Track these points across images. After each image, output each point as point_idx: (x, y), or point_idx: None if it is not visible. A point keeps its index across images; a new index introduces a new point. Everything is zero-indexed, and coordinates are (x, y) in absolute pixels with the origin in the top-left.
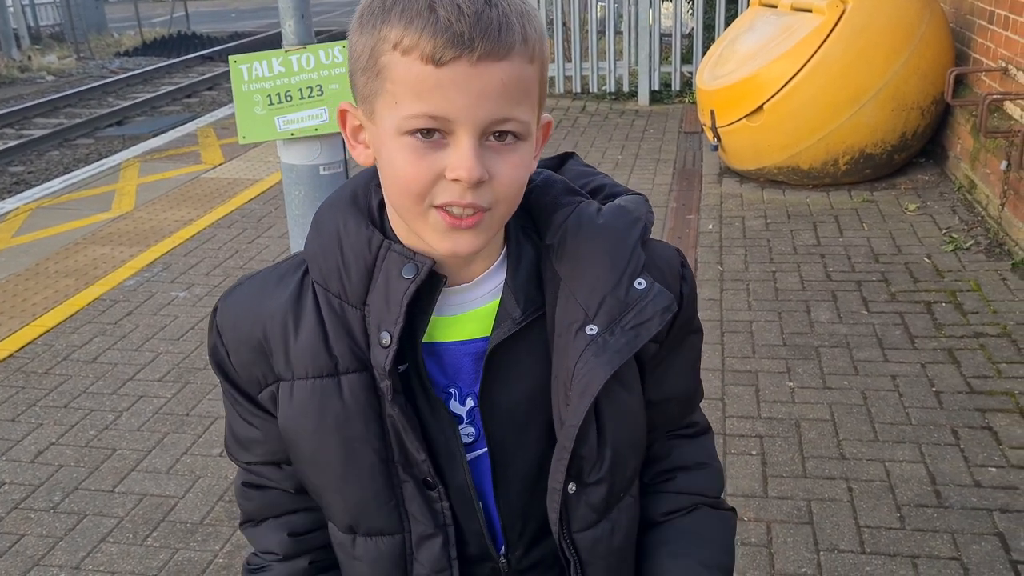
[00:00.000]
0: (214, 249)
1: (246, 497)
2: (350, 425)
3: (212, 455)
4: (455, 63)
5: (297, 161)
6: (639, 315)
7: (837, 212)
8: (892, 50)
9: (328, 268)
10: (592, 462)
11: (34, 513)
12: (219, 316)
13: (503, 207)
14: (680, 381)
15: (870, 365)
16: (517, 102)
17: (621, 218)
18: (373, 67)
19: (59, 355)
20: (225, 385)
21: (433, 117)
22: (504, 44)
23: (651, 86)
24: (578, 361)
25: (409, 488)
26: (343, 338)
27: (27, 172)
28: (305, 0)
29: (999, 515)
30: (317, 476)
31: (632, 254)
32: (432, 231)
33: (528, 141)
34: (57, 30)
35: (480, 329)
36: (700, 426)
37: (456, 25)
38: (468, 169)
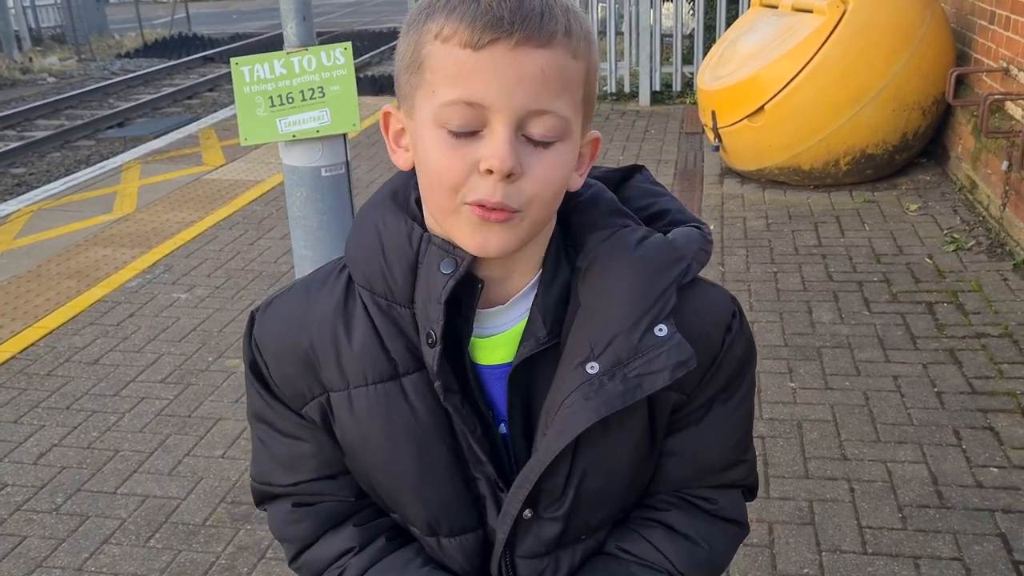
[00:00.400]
0: (216, 251)
1: (297, 519)
2: (421, 426)
3: (214, 456)
4: (493, 46)
5: (299, 163)
6: (648, 364)
7: (838, 212)
8: (893, 50)
9: (371, 270)
10: (553, 498)
11: (36, 515)
12: (257, 329)
13: (535, 210)
14: (703, 444)
15: (872, 366)
16: (556, 94)
17: (661, 254)
18: (416, 62)
19: (61, 357)
20: (263, 403)
21: (469, 103)
22: (545, 31)
23: (652, 86)
24: (568, 397)
25: (482, 484)
26: (398, 339)
27: (28, 174)
28: (307, 2)
29: (1001, 516)
30: (393, 482)
31: (660, 297)
32: (463, 226)
33: (568, 143)
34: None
35: (510, 353)
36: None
37: (496, 9)
38: (501, 158)
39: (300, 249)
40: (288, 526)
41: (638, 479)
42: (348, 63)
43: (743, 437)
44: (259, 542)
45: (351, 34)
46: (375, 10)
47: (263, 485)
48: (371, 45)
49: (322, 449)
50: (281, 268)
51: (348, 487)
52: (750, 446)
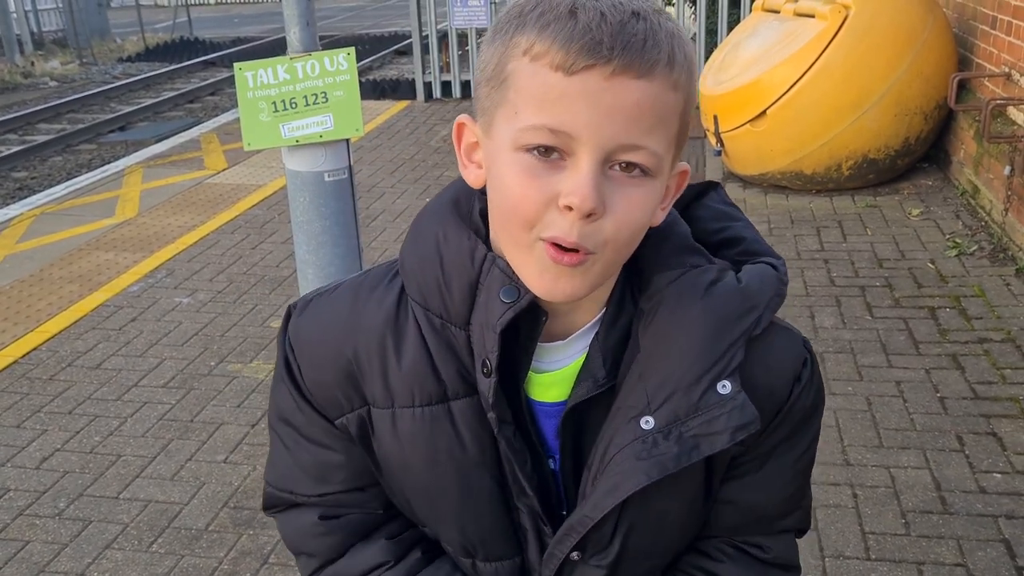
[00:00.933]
0: (218, 255)
1: (323, 531)
2: (466, 453)
3: (216, 461)
4: (587, 73)
5: (302, 168)
6: (707, 425)
7: (840, 217)
8: (895, 55)
9: (427, 285)
10: (599, 547)
11: (39, 519)
12: (292, 328)
13: (610, 252)
14: (760, 492)
15: (874, 371)
16: (650, 129)
17: (732, 303)
18: (499, 76)
19: (63, 361)
20: (292, 404)
21: (553, 131)
22: (646, 60)
23: None
24: (619, 453)
25: (524, 517)
26: (450, 362)
27: (30, 178)
28: (310, 8)
29: (1004, 521)
30: (431, 507)
31: (727, 351)
32: (532, 265)
33: (657, 180)
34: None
35: (564, 393)
36: (775, 557)
37: (596, 31)
38: (583, 196)
39: (303, 254)
40: (312, 539)
41: (691, 529)
42: (351, 68)
43: (802, 485)
44: (261, 547)
45: (353, 38)
46: (376, 14)
47: (283, 492)
48: (372, 49)
49: (352, 461)
50: (283, 273)
51: (377, 499)
52: (807, 492)
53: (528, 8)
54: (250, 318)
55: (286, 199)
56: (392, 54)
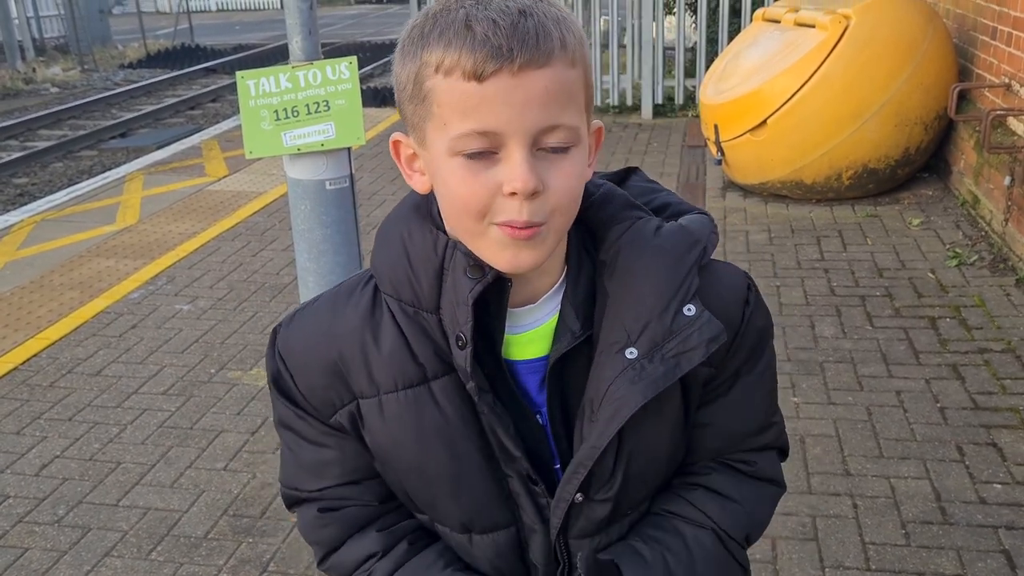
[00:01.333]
0: (218, 262)
1: (323, 523)
2: (451, 428)
3: (216, 469)
4: (497, 76)
5: (303, 176)
6: (683, 343)
7: (841, 227)
8: (895, 65)
9: (397, 278)
10: (603, 481)
11: (38, 527)
12: (280, 342)
13: (559, 218)
14: (733, 413)
15: (874, 380)
16: (563, 107)
17: (679, 240)
18: (419, 94)
19: (63, 368)
20: (290, 412)
21: (482, 133)
22: (543, 51)
23: (655, 99)
24: (612, 383)
25: (515, 483)
26: (426, 344)
27: (31, 184)
28: (312, 16)
29: (1005, 532)
30: (426, 485)
31: (685, 279)
32: (492, 246)
33: (580, 147)
34: (62, 42)
35: (543, 348)
36: (759, 470)
37: (493, 39)
38: (523, 180)
39: (304, 262)
40: (315, 530)
41: (677, 453)
42: (353, 77)
43: (771, 402)
44: (261, 555)
45: (353, 46)
46: (377, 22)
47: (291, 490)
48: (373, 57)
49: (347, 456)
50: (283, 280)
51: (372, 492)
52: (777, 409)
53: (427, 29)
54: (250, 325)
55: (287, 206)
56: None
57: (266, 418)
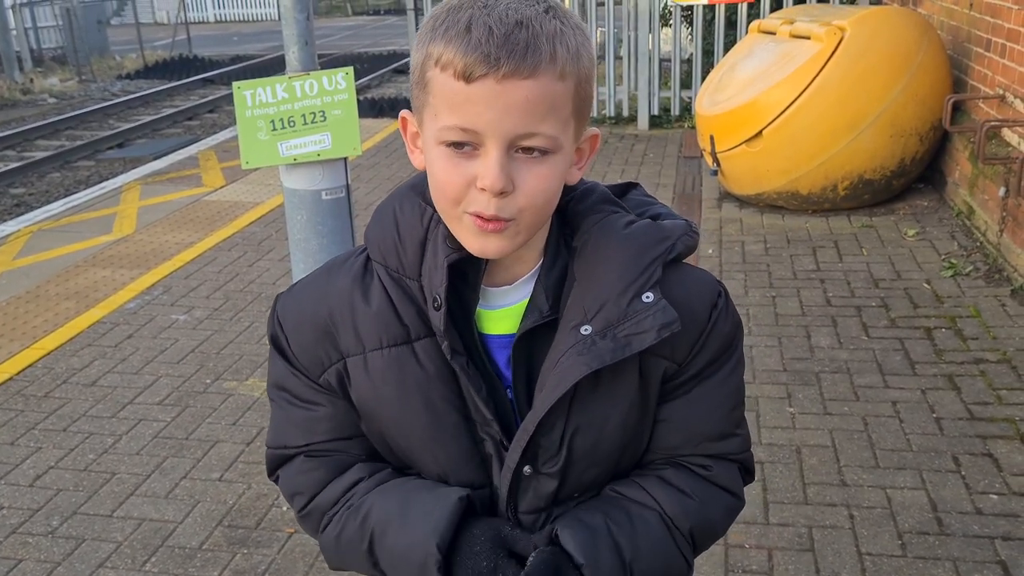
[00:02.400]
0: (215, 272)
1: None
2: (432, 386)
3: (211, 479)
4: (482, 80)
5: (299, 186)
6: (636, 326)
7: (836, 237)
8: (890, 77)
9: (386, 246)
10: (549, 454)
11: (32, 538)
12: (279, 305)
13: (528, 216)
14: (692, 412)
15: (870, 391)
16: (542, 117)
17: (649, 234)
18: (421, 80)
19: (59, 378)
20: (285, 371)
21: (463, 129)
22: (528, 64)
23: (651, 111)
24: (563, 356)
25: (488, 445)
26: (410, 307)
27: (28, 194)
28: (309, 27)
29: (1001, 543)
30: (406, 440)
31: (647, 269)
32: (465, 232)
33: (558, 154)
34: (59, 53)
35: (514, 326)
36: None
37: (485, 45)
38: (492, 179)
39: (300, 272)
40: (300, 476)
41: (631, 445)
42: (349, 88)
43: (732, 410)
44: (256, 566)
45: (350, 57)
46: (374, 33)
47: (278, 449)
48: (370, 68)
49: (336, 413)
50: (280, 290)
51: (360, 447)
52: (741, 422)
53: (439, 21)
54: (246, 336)
55: (283, 216)
56: (390, 72)
57: (262, 428)
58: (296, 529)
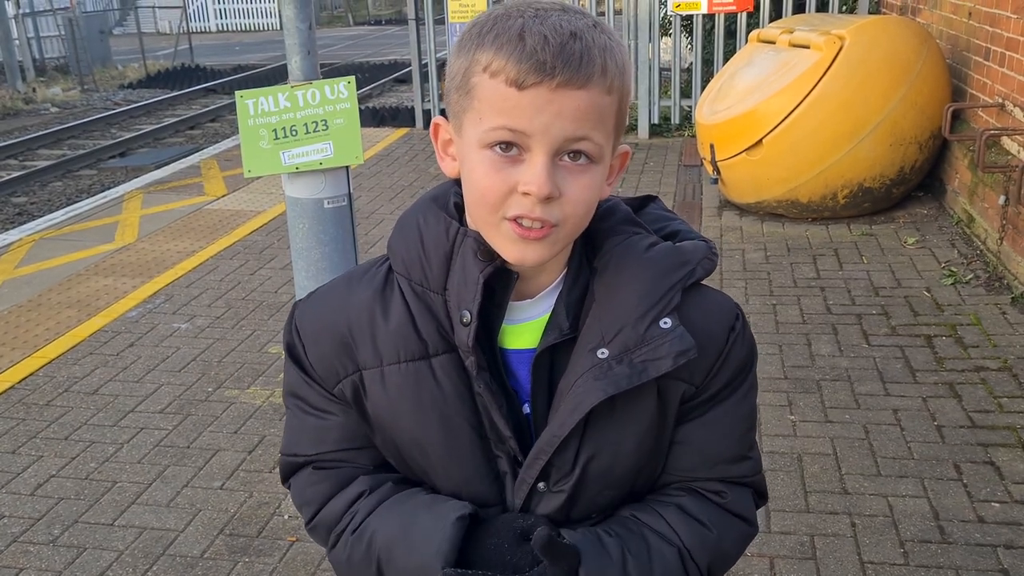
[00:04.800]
0: (216, 280)
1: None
2: (447, 403)
3: (213, 488)
4: (536, 88)
5: (302, 195)
6: (653, 352)
7: (836, 245)
8: (889, 86)
9: (410, 259)
10: (562, 473)
11: (33, 546)
12: (298, 313)
13: (570, 225)
14: (709, 434)
15: (871, 399)
16: (592, 127)
17: (669, 258)
18: (464, 86)
19: (60, 387)
20: (299, 379)
21: (512, 130)
22: (583, 75)
23: (651, 119)
24: (579, 379)
25: (503, 462)
26: (430, 322)
27: (30, 203)
28: (311, 36)
29: (1003, 551)
30: (421, 456)
31: (666, 294)
32: (503, 239)
33: (600, 165)
34: (62, 62)
35: (535, 340)
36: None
37: (540, 54)
38: (539, 185)
39: (302, 280)
40: (308, 488)
41: (646, 468)
42: (351, 97)
43: (746, 432)
44: (258, 575)
45: (352, 67)
46: (376, 43)
47: (290, 457)
48: (372, 77)
49: (348, 423)
50: (282, 299)
51: (368, 458)
52: (754, 445)
53: (486, 29)
54: (248, 344)
55: (285, 225)
56: (391, 82)
57: (263, 437)
58: (298, 538)
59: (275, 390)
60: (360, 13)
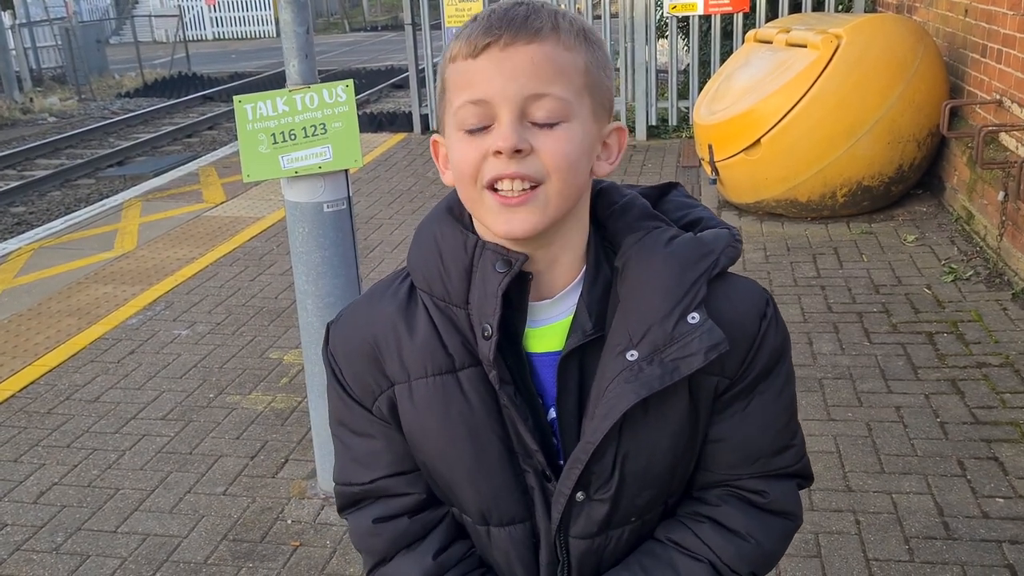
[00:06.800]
0: (216, 287)
1: (375, 533)
2: (475, 417)
3: (215, 493)
4: (487, 51)
5: (301, 199)
6: (683, 349)
7: (836, 244)
8: (887, 84)
9: (430, 274)
10: (602, 480)
11: (36, 554)
12: (331, 337)
13: (556, 182)
14: (742, 426)
15: (874, 396)
16: (551, 80)
17: (691, 250)
18: (441, 89)
19: (61, 395)
20: (342, 404)
21: (475, 102)
22: (530, 28)
23: (648, 121)
24: (611, 383)
25: (531, 477)
26: (455, 336)
27: (29, 213)
28: (309, 40)
29: (1008, 547)
30: (449, 471)
31: (691, 288)
32: (488, 213)
33: (573, 123)
34: (59, 72)
35: (559, 342)
36: (772, 502)
37: (487, 22)
38: (505, 138)
39: (302, 284)
40: (368, 538)
41: (682, 463)
42: (350, 100)
43: (788, 421)
44: None
45: (349, 72)
46: (372, 49)
47: (345, 486)
48: (369, 83)
49: (392, 445)
50: (282, 304)
51: (420, 483)
52: (797, 431)
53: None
54: (249, 350)
55: (284, 231)
56: (389, 87)
57: (265, 442)
58: (301, 542)
59: (276, 395)
60: (356, 19)
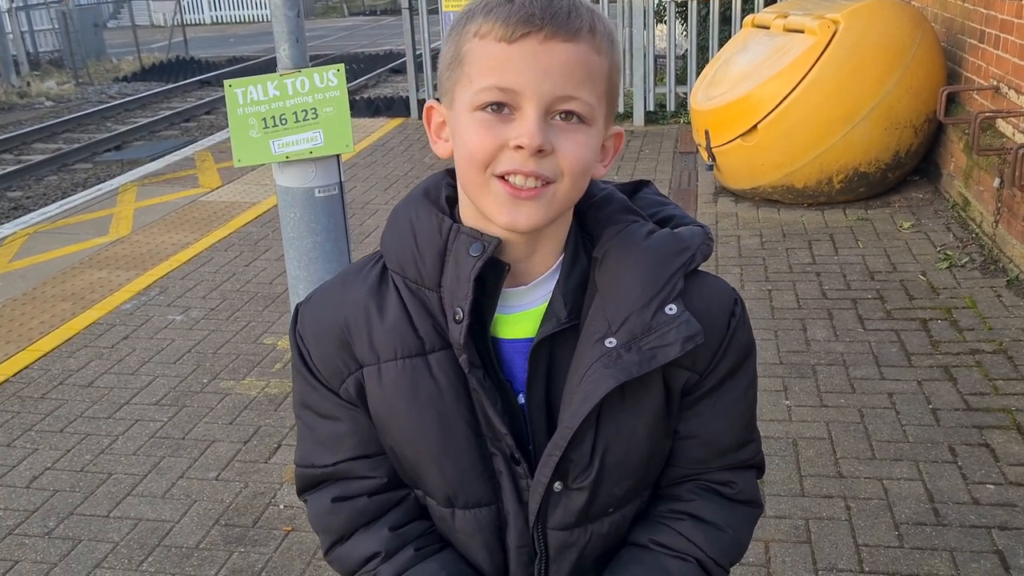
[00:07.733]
0: (211, 272)
1: (334, 512)
2: (443, 400)
3: (208, 479)
4: (525, 40)
5: (292, 184)
6: (661, 338)
7: (832, 230)
8: (884, 69)
9: (403, 256)
10: (580, 468)
11: (28, 539)
12: (300, 317)
13: (566, 184)
14: (712, 423)
15: (867, 383)
16: (580, 83)
17: (668, 245)
18: (456, 59)
19: (55, 379)
20: (308, 387)
21: (502, 89)
22: (571, 27)
23: (646, 107)
24: (589, 369)
25: (499, 461)
26: (426, 319)
27: (25, 197)
28: (300, 24)
29: (998, 533)
30: (416, 453)
31: (669, 280)
32: (494, 202)
33: (592, 128)
34: (56, 56)
35: (531, 329)
36: (740, 492)
37: (528, 7)
38: (530, 136)
39: (294, 270)
40: (326, 517)
41: (656, 454)
42: (341, 84)
43: (752, 417)
44: (253, 565)
45: (346, 57)
46: (371, 33)
47: (307, 468)
48: (367, 68)
49: (359, 428)
50: (276, 289)
51: (383, 467)
52: (756, 428)
53: (476, 7)
54: (243, 335)
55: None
56: (386, 72)
57: (258, 428)
58: (293, 527)
59: (270, 381)
60: (355, 3)
